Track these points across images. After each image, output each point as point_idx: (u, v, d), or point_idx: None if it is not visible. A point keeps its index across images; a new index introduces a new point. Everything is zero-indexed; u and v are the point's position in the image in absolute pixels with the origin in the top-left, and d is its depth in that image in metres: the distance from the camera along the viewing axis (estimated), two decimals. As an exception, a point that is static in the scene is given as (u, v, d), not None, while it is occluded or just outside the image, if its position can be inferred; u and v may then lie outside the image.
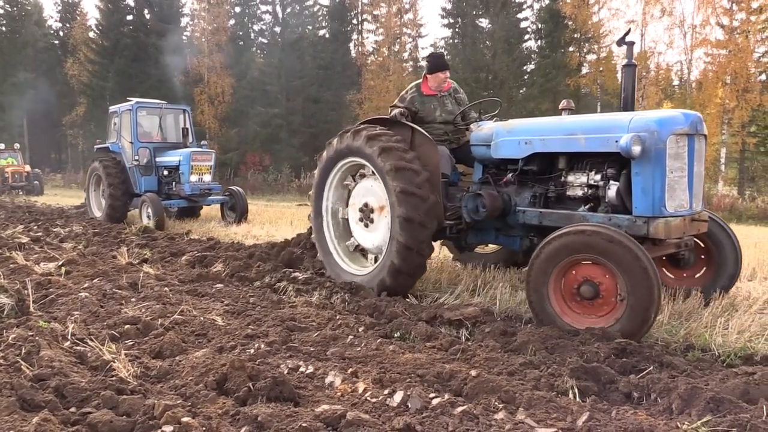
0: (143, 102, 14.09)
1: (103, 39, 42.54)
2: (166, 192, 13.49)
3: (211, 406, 2.97)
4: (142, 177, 13.43)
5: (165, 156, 13.56)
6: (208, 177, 13.45)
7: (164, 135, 14.18)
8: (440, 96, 6.52)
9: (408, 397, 3.03)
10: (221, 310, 5.07)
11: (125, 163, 13.51)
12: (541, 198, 5.40)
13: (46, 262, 7.20)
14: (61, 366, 3.37)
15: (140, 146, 13.45)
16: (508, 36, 36.55)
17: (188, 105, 15.06)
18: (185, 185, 12.96)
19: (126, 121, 13.58)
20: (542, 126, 5.46)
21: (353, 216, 6.26)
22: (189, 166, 12.96)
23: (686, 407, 2.97)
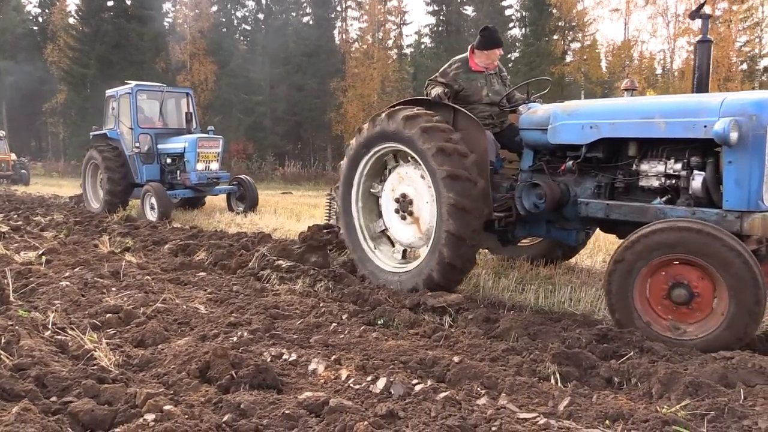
0: (143, 85, 13.17)
1: (84, 25, 41.81)
2: (170, 181, 12.57)
3: (194, 394, 2.96)
4: (144, 165, 12.50)
5: (168, 143, 12.63)
6: (216, 165, 12.52)
7: (165, 120, 13.23)
8: (488, 74, 5.93)
9: (391, 383, 3.04)
10: (204, 299, 5.05)
11: (124, 151, 12.62)
12: (607, 188, 4.87)
13: (27, 251, 7.12)
14: (42, 355, 3.33)
15: (141, 132, 12.48)
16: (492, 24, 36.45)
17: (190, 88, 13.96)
18: (191, 174, 12.05)
19: (125, 105, 12.61)
20: (612, 108, 4.89)
21: (388, 208, 5.69)
22: (195, 153, 12.03)
23: (666, 391, 3.01)
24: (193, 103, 13.39)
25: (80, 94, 40.76)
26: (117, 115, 12.74)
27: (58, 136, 46.87)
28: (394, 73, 36.92)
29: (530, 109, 5.52)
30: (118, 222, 10.34)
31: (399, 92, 36.26)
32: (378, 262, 5.75)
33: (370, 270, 5.74)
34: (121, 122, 12.68)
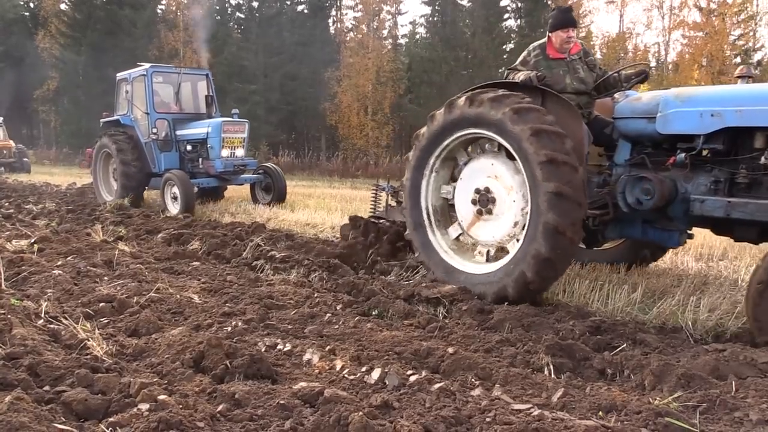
0: (159, 66, 12.31)
1: (76, 11, 41.42)
2: (190, 170, 11.59)
3: (188, 383, 2.96)
4: (161, 153, 11.59)
5: (188, 128, 11.71)
6: (241, 151, 11.57)
7: (181, 104, 12.30)
8: (569, 60, 5.37)
9: (385, 374, 3.05)
10: (198, 288, 5.03)
11: (139, 138, 11.72)
12: (726, 184, 4.35)
13: (18, 240, 7.08)
14: (35, 344, 3.31)
15: (157, 118, 11.58)
16: (487, 14, 36.40)
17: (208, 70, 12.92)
18: (215, 161, 11.11)
19: (139, 89, 11.72)
20: (738, 94, 4.36)
21: (464, 203, 5.13)
22: (220, 138, 11.06)
23: (658, 383, 3.03)
24: (212, 85, 12.47)
25: (72, 81, 40.41)
26: (131, 100, 11.86)
27: (49, 124, 46.50)
28: (388, 64, 36.73)
29: (629, 97, 5.06)
30: (111, 211, 10.28)
31: (394, 83, 36.15)
32: (458, 265, 5.14)
33: (442, 272, 5.17)
34: (135, 107, 11.82)
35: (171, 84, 12.23)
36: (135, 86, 11.81)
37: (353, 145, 36.08)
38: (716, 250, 6.97)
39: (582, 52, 5.51)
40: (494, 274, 4.76)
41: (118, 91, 12.58)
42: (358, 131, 35.72)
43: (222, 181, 11.76)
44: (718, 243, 7.08)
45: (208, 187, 11.94)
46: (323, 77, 36.83)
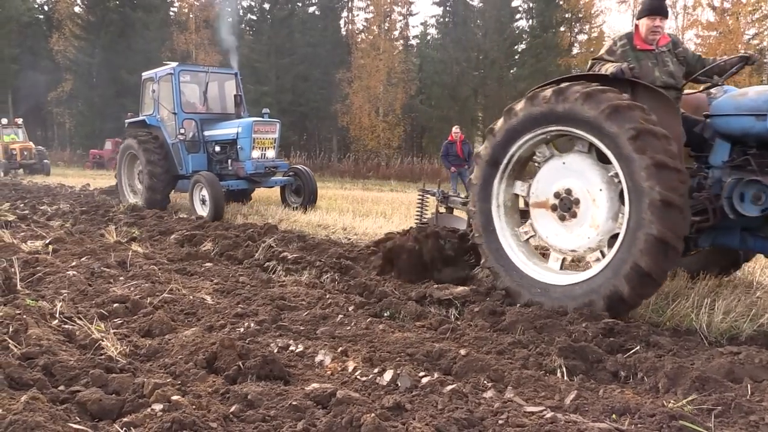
0: (186, 65, 12.07)
1: (89, 14, 41.84)
2: (218, 172, 11.19)
3: (201, 384, 2.98)
4: (189, 155, 11.20)
5: (216, 129, 11.35)
6: (272, 152, 11.13)
7: (208, 104, 11.91)
8: (658, 52, 4.91)
9: (398, 375, 3.05)
10: (210, 289, 5.06)
11: (166, 139, 11.38)
12: None
13: (33, 240, 7.14)
14: (50, 344, 3.35)
15: (185, 118, 11.22)
16: (499, 15, 36.36)
17: None
18: (246, 163, 10.69)
19: (166, 88, 11.35)
20: None
21: (540, 209, 4.68)
22: (251, 139, 10.64)
23: (672, 386, 3.01)
24: (240, 84, 12.16)
25: (86, 83, 40.77)
26: (157, 99, 11.43)
27: (64, 126, 46.92)
28: (400, 65, 36.79)
29: (728, 92, 4.60)
30: (125, 212, 10.35)
31: (405, 84, 36.17)
32: (534, 273, 4.63)
33: (516, 281, 4.66)
34: (162, 107, 11.46)
35: (198, 83, 11.88)
36: (161, 86, 11.45)
37: (364, 146, 36.15)
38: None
39: (671, 44, 5.03)
40: (578, 287, 4.28)
41: (143, 90, 12.27)
42: (370, 132, 35.77)
43: (252, 184, 11.37)
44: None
45: (236, 189, 11.46)
46: (334, 79, 36.94)
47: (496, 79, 36.18)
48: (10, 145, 24.68)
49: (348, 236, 8.40)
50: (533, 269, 4.64)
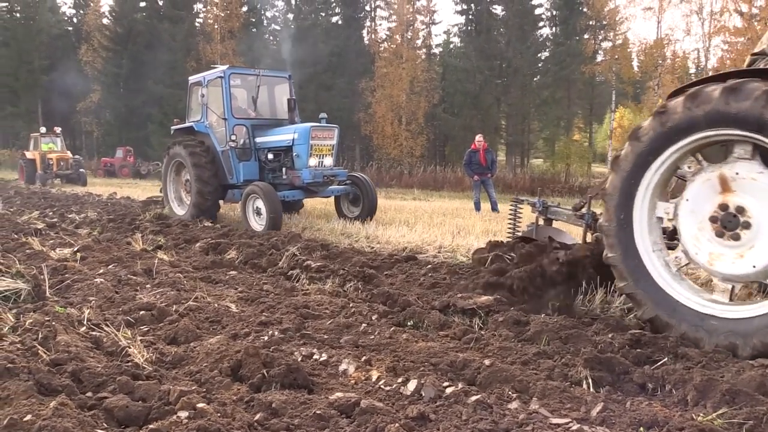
0: (237, 68, 11.38)
1: (117, 26, 42.74)
2: (271, 181, 10.46)
3: (226, 392, 2.99)
4: (240, 163, 10.55)
5: (269, 135, 10.63)
6: (330, 160, 10.38)
7: (260, 109, 11.25)
8: None
9: (422, 385, 3.04)
10: (235, 297, 5.10)
11: (215, 146, 10.73)
12: None
13: (62, 248, 7.27)
14: (78, 351, 3.40)
15: (236, 123, 10.55)
16: (522, 23, 36.30)
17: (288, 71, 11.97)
18: (303, 171, 9.94)
19: (215, 93, 10.70)
20: None
21: (694, 227, 4.00)
22: (308, 146, 9.91)
23: (702, 399, 2.95)
24: (293, 88, 11.49)
25: (113, 93, 41.52)
26: (206, 104, 10.78)
27: (91, 135, 47.78)
28: (422, 73, 36.84)
29: None
30: (151, 220, 10.49)
31: (428, 92, 36.20)
32: (691, 302, 3.95)
33: (669, 311, 3.99)
34: (211, 112, 10.82)
35: (249, 87, 11.20)
36: (210, 90, 10.82)
37: (387, 154, 36.21)
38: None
39: None
40: (755, 322, 3.62)
41: (190, 95, 11.68)
42: (392, 141, 35.84)
43: (308, 194, 10.54)
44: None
45: (292, 200, 10.71)
46: (357, 88, 37.11)
47: (520, 87, 36.08)
48: (48, 155, 24.29)
49: (371, 245, 8.41)
50: (690, 298, 3.94)
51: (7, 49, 45.01)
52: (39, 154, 24.37)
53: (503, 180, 27.84)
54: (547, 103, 36.73)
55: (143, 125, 39.83)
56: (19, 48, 44.46)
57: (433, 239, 8.31)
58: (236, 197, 10.56)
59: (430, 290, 5.55)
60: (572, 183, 28.49)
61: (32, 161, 24.47)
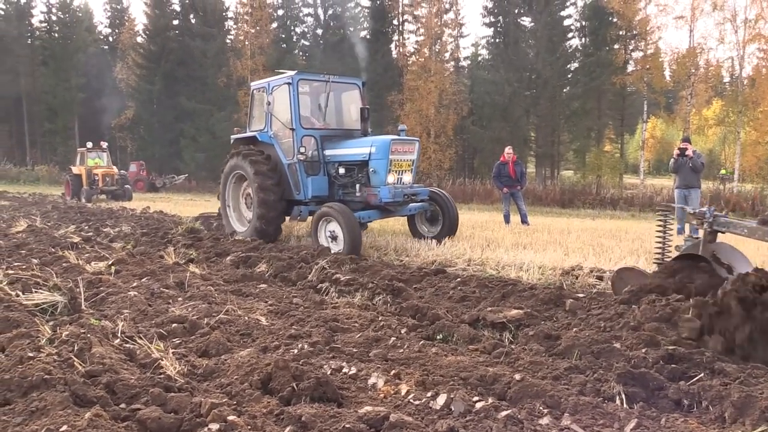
0: (306, 74, 10.26)
1: (151, 43, 43.75)
2: (341, 198, 9.58)
3: (256, 405, 3.01)
4: (308, 177, 9.59)
5: (340, 147, 9.65)
6: (409, 176, 9.37)
7: (330, 119, 10.29)
8: None
9: (451, 400, 3.02)
10: (265, 310, 5.14)
11: (281, 159, 9.80)
12: None
13: (97, 261, 7.42)
14: (112, 363, 3.46)
15: (304, 134, 9.62)
16: (551, 34, 36.08)
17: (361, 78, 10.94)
18: (380, 189, 8.88)
19: (282, 100, 9.77)
20: None
21: None
22: (387, 161, 8.88)
23: (740, 416, 2.87)
24: (365, 96, 10.52)
25: (147, 109, 42.42)
26: (271, 112, 9.87)
27: (125, 150, 48.81)
28: (451, 86, 36.85)
29: None
30: (183, 234, 10.64)
31: (456, 105, 36.17)
32: None
33: None
34: (276, 120, 9.90)
35: (317, 94, 10.29)
36: (277, 97, 9.88)
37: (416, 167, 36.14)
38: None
39: None
40: None
41: (252, 103, 10.90)
42: (421, 154, 35.82)
43: (384, 214, 9.46)
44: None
45: (368, 221, 9.64)
46: (386, 101, 37.24)
47: (549, 98, 35.84)
48: (93, 170, 23.49)
49: (400, 258, 8.41)
50: None
51: (45, 68, 46.46)
52: (85, 169, 23.74)
53: (533, 192, 27.58)
54: (577, 114, 36.39)
55: (176, 140, 40.57)
56: (56, 66, 45.83)
57: (462, 252, 8.26)
58: (303, 215, 9.77)
59: (460, 304, 5.52)
60: (603, 195, 28.05)
61: (78, 176, 23.86)
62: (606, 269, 6.97)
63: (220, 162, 35.61)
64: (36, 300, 4.95)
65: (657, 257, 5.45)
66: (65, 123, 46.74)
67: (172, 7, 44.57)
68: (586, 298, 5.23)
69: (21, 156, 46.84)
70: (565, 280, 6.52)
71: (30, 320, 4.33)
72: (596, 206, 25.87)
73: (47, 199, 23.35)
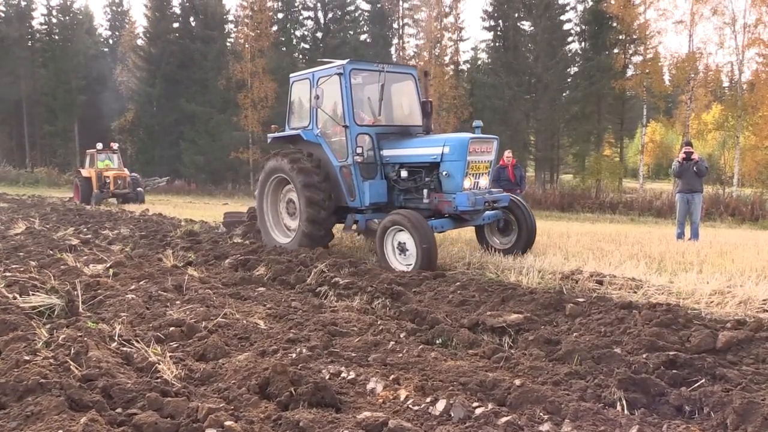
0: (358, 62, 8.87)
1: (151, 46, 43.76)
2: (402, 205, 8.50)
3: (254, 410, 2.99)
4: (365, 182, 8.38)
5: (401, 147, 8.47)
6: (485, 180, 8.20)
7: (386, 114, 8.89)
8: None
9: (451, 405, 2.99)
10: (263, 314, 5.11)
11: (331, 161, 8.67)
12: None
13: (95, 264, 7.39)
14: (109, 367, 3.43)
15: (359, 132, 8.45)
16: (551, 38, 36.12)
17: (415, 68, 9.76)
18: (457, 196, 7.66)
19: (333, 92, 8.56)
20: None
21: None
22: (465, 163, 7.69)
23: (742, 423, 2.85)
24: (420, 88, 9.26)
25: (146, 112, 42.43)
26: (319, 106, 8.48)
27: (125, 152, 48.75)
28: (451, 90, 36.85)
29: None
30: (181, 236, 10.61)
31: (457, 108, 36.19)
32: None
33: None
34: (324, 115, 8.76)
35: (369, 86, 8.99)
36: (326, 89, 8.57)
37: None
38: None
39: None
40: None
41: (291, 97, 9.66)
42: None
43: (458, 223, 8.22)
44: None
45: (441, 232, 8.31)
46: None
47: (549, 102, 35.84)
48: (104, 173, 22.33)
49: (399, 261, 8.37)
50: None
51: (45, 70, 46.47)
52: (95, 171, 22.48)
53: (532, 196, 27.53)
54: (577, 118, 36.40)
55: (176, 143, 40.57)
56: (57, 68, 45.82)
57: (462, 256, 8.24)
58: (360, 225, 8.68)
59: (459, 308, 5.49)
60: (603, 199, 28.03)
61: (88, 179, 22.57)
62: (606, 273, 6.95)
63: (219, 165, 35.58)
64: (33, 303, 4.93)
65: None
66: (65, 125, 46.71)
67: (173, 10, 44.57)
68: (586, 303, 5.19)
69: (20, 158, 46.83)
70: (565, 284, 6.49)
71: (27, 323, 4.30)
72: (596, 210, 25.85)
73: (46, 201, 23.31)
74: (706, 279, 6.27)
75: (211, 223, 12.89)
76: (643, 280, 6.60)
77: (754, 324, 4.28)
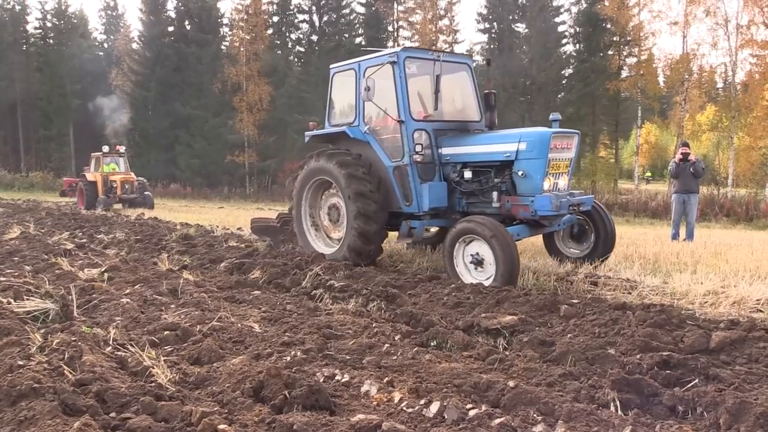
0: (413, 49, 8.02)
1: (146, 50, 43.72)
2: (464, 209, 7.61)
3: (248, 413, 2.99)
4: (424, 184, 7.46)
5: (464, 144, 7.57)
6: (565, 181, 7.26)
7: (444, 108, 7.82)
8: None
9: (444, 407, 3.00)
10: (258, 317, 5.11)
11: (382, 161, 7.78)
12: None
13: (90, 268, 7.37)
14: (103, 371, 3.43)
15: (416, 128, 7.52)
16: (545, 40, 36.25)
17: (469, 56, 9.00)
18: (537, 199, 6.73)
19: (383, 83, 7.48)
20: None
21: None
22: (545, 161, 6.81)
23: (735, 422, 2.86)
24: (475, 79, 8.43)
25: (142, 115, 42.38)
26: (370, 100, 7.44)
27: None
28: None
29: None
30: (177, 240, 10.59)
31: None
32: None
33: None
34: (371, 109, 7.92)
35: (423, 76, 8.11)
36: (377, 79, 7.44)
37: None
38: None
39: None
40: None
41: (332, 90, 8.80)
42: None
43: (536, 229, 7.34)
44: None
45: (518, 239, 7.04)
46: (381, 107, 37.19)
47: (544, 104, 35.95)
48: (110, 177, 21.50)
49: (394, 264, 8.39)
50: None
51: (40, 74, 46.42)
52: (101, 175, 21.62)
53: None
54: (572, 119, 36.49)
55: (171, 146, 40.52)
56: (51, 73, 45.80)
57: (457, 258, 8.23)
58: (418, 232, 7.66)
59: (454, 310, 5.49)
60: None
61: (93, 184, 21.60)
62: (601, 274, 6.98)
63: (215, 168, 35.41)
64: (28, 307, 4.91)
65: None
66: (60, 129, 46.65)
67: (168, 14, 44.57)
68: (580, 304, 5.21)
69: (15, 162, 46.70)
70: (560, 285, 6.51)
71: (21, 328, 4.29)
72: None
73: (41, 205, 23.24)
74: (700, 279, 6.30)
75: (207, 226, 12.86)
76: (638, 281, 6.64)
77: (747, 324, 4.30)
